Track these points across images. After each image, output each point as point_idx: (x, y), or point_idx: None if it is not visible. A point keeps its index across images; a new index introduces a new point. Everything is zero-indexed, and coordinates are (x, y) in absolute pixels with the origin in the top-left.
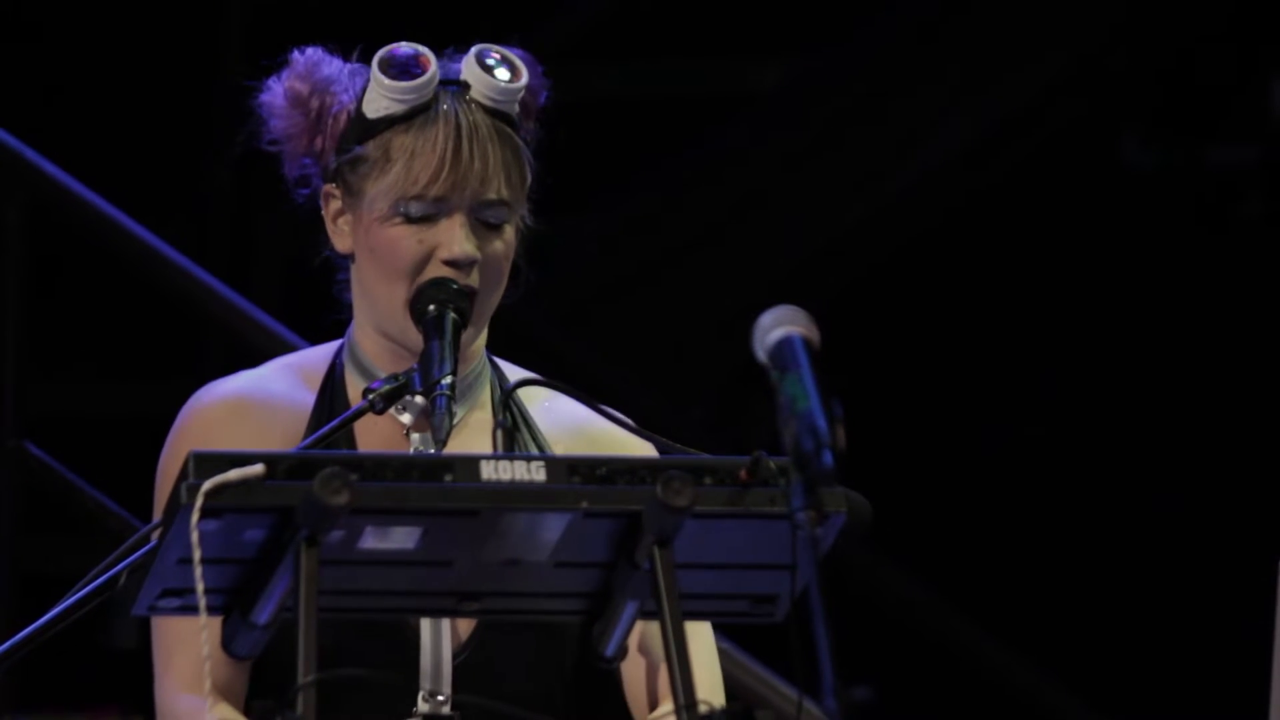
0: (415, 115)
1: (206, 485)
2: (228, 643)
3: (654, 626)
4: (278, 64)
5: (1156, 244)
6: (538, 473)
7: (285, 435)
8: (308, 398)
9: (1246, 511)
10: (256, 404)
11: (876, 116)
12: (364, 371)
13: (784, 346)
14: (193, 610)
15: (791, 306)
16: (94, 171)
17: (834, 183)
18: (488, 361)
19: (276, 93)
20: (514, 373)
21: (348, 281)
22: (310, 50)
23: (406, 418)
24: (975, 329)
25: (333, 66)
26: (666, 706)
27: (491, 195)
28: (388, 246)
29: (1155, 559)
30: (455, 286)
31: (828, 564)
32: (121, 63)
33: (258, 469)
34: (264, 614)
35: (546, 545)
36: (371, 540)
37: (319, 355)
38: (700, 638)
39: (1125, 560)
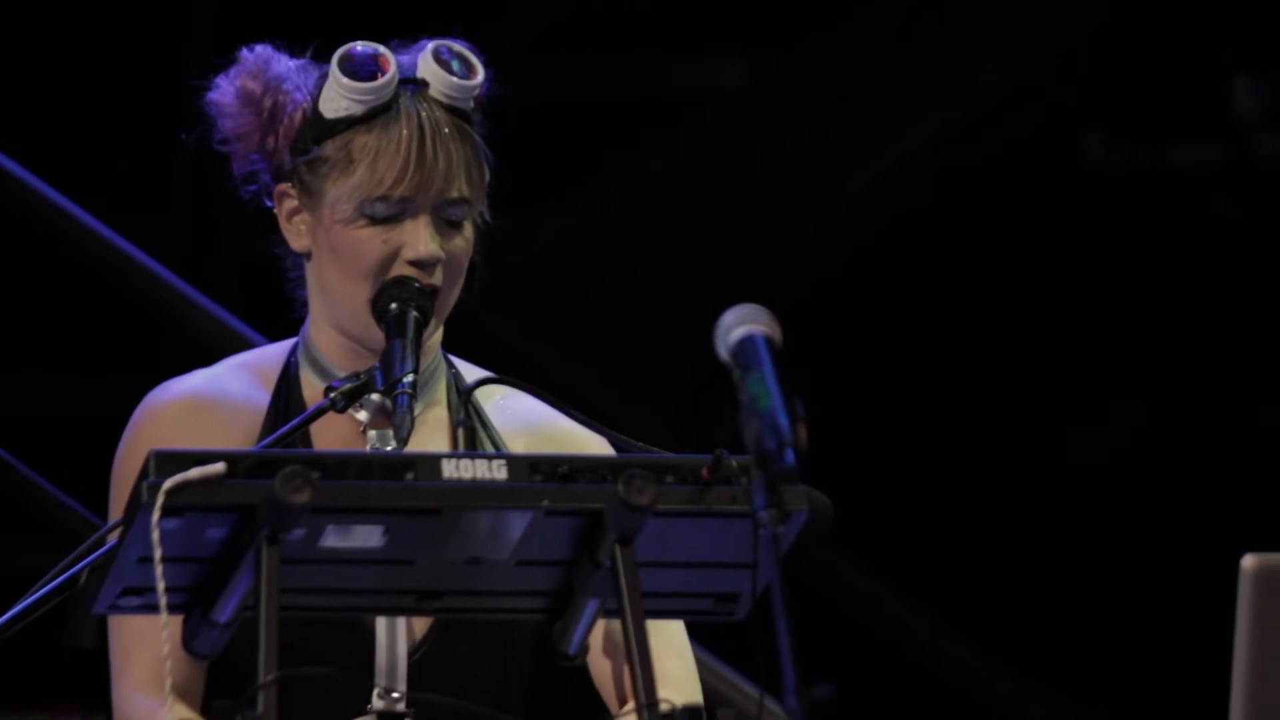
0: (375, 115)
1: (167, 484)
2: (188, 641)
3: None
4: (227, 62)
5: (1122, 243)
6: (499, 471)
7: (241, 434)
8: (263, 396)
9: (1213, 508)
10: (212, 403)
11: (840, 115)
12: (320, 369)
13: (746, 345)
14: (153, 609)
15: (754, 305)
16: (52, 166)
17: (797, 182)
18: (443, 358)
19: (227, 91)
20: (469, 370)
21: (301, 278)
22: (259, 48)
23: (363, 415)
24: (939, 328)
25: (283, 64)
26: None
27: (455, 194)
28: (352, 248)
29: (1117, 556)
30: (418, 285)
31: (789, 562)
32: (80, 56)
33: (219, 467)
34: (225, 613)
35: (508, 544)
36: (333, 539)
37: (273, 353)
38: (672, 633)
39: (1088, 558)
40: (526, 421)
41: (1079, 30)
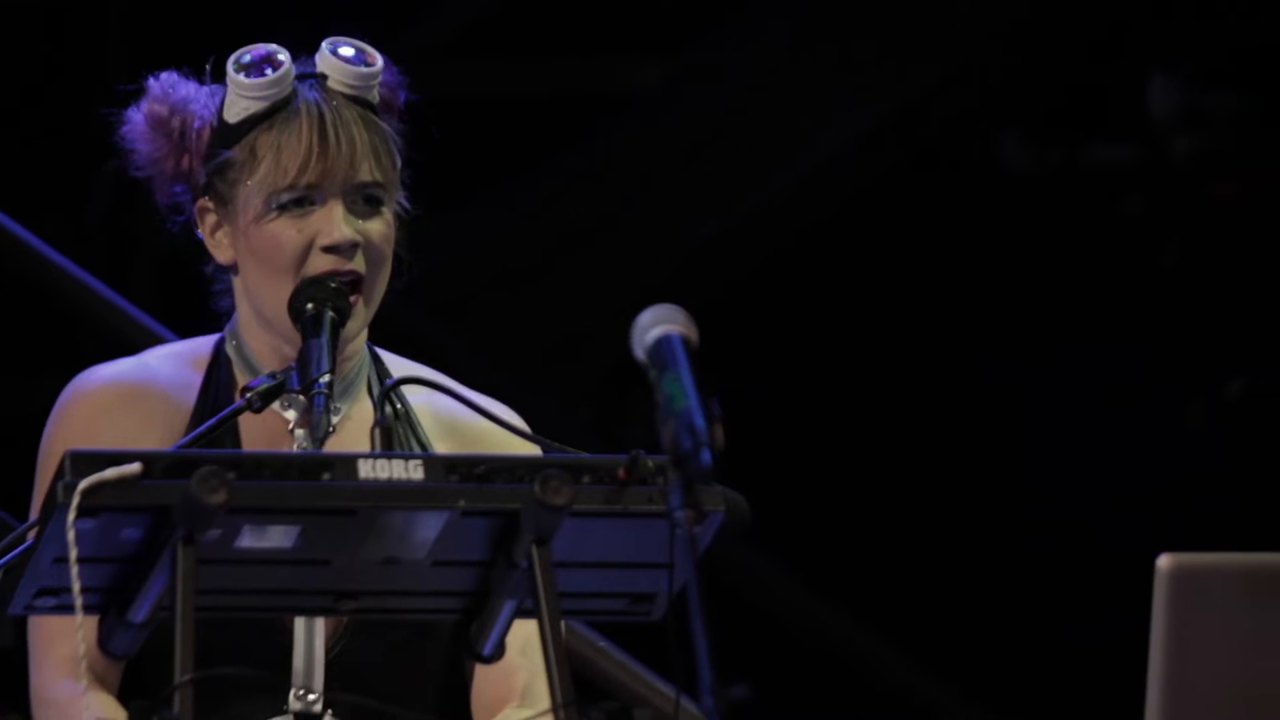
0: (276, 111)
1: (83, 484)
2: (104, 641)
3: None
4: (136, 90)
5: (1036, 243)
6: (415, 471)
7: (169, 423)
8: (192, 390)
9: (1126, 509)
10: (141, 390)
11: (757, 116)
12: (249, 367)
13: (663, 345)
14: (69, 609)
15: (670, 305)
16: None
17: (714, 182)
18: (369, 356)
19: (137, 120)
20: (396, 365)
21: (224, 290)
22: (165, 75)
23: (291, 414)
24: (854, 328)
25: (189, 87)
26: (515, 710)
27: (364, 177)
28: (268, 242)
29: (1035, 557)
30: (334, 285)
31: (706, 562)
32: None
33: (134, 468)
34: (140, 613)
35: (424, 544)
36: (249, 539)
37: (202, 344)
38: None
39: (1006, 558)
40: (448, 419)
41: (995, 31)
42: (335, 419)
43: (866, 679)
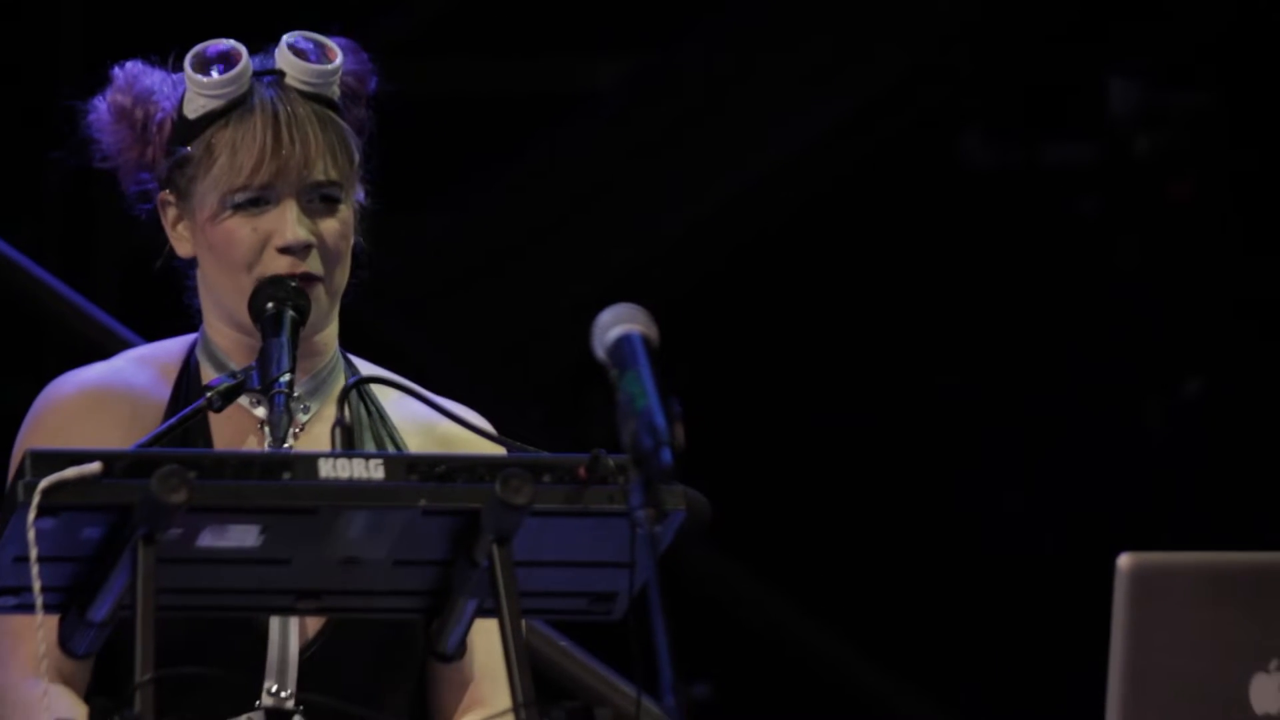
0: (233, 109)
1: (43, 484)
2: (65, 641)
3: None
4: (100, 82)
5: (995, 242)
6: (376, 470)
7: (142, 427)
8: (164, 390)
9: (1084, 508)
10: (115, 395)
11: (715, 115)
12: (220, 367)
13: (623, 344)
14: (29, 609)
15: (630, 304)
16: None
17: (673, 181)
18: (341, 357)
19: (101, 110)
20: (367, 369)
21: (194, 287)
22: (129, 64)
23: (261, 411)
24: (814, 327)
25: (153, 77)
26: (479, 711)
27: (319, 177)
28: (224, 240)
29: (997, 556)
30: (293, 284)
31: (666, 561)
32: None
33: (94, 467)
34: (101, 612)
35: (385, 543)
36: (209, 538)
37: (173, 348)
38: (493, 636)
39: (967, 557)
40: (421, 419)
41: (955, 30)
42: (305, 418)
43: (827, 678)
